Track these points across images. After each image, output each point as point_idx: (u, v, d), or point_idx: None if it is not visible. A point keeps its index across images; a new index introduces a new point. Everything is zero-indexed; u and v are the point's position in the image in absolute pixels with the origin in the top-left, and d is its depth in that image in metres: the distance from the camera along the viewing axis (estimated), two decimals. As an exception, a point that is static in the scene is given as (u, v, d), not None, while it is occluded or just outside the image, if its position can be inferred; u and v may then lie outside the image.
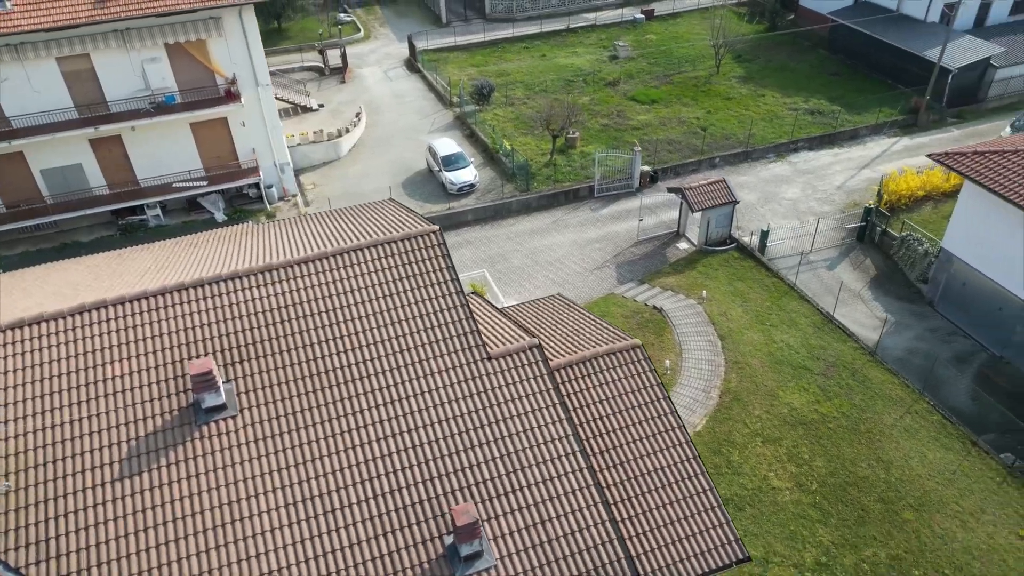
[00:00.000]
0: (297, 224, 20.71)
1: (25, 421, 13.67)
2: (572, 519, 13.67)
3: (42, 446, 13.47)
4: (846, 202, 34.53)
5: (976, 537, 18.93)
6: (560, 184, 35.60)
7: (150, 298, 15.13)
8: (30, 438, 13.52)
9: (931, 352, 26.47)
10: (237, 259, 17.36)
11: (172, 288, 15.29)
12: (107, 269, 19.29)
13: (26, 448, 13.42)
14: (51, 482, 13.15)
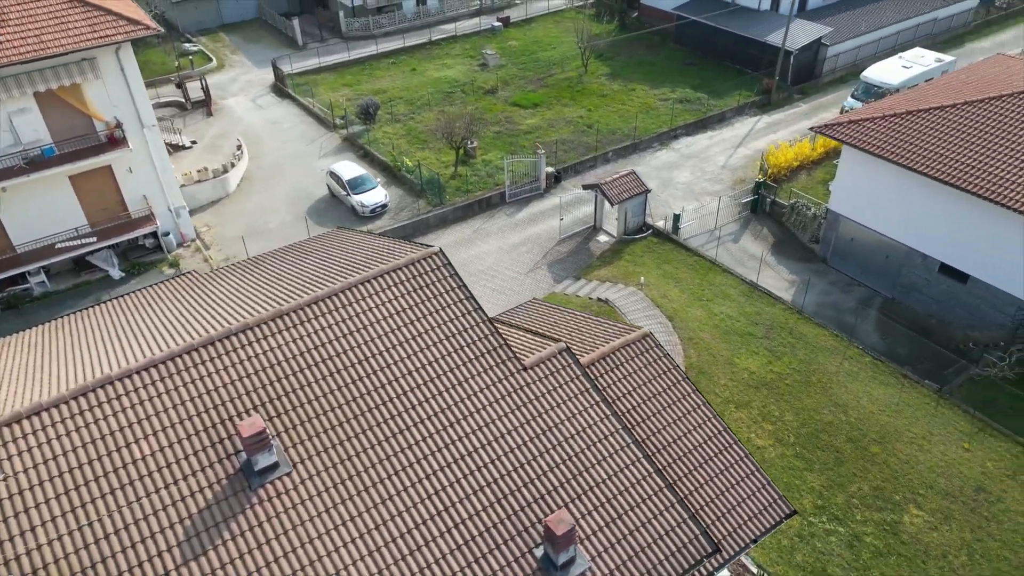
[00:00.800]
0: (254, 269, 19.61)
1: (55, 524, 12.12)
2: (644, 508, 14.17)
3: (82, 547, 12.01)
4: (733, 179, 37.51)
5: (933, 457, 21.53)
6: (472, 194, 35.88)
7: (159, 365, 13.89)
8: (66, 542, 12.01)
9: (838, 303, 29.50)
10: (216, 312, 16.27)
11: (182, 350, 14.11)
12: (55, 346, 17.31)
13: (64, 553, 11.91)
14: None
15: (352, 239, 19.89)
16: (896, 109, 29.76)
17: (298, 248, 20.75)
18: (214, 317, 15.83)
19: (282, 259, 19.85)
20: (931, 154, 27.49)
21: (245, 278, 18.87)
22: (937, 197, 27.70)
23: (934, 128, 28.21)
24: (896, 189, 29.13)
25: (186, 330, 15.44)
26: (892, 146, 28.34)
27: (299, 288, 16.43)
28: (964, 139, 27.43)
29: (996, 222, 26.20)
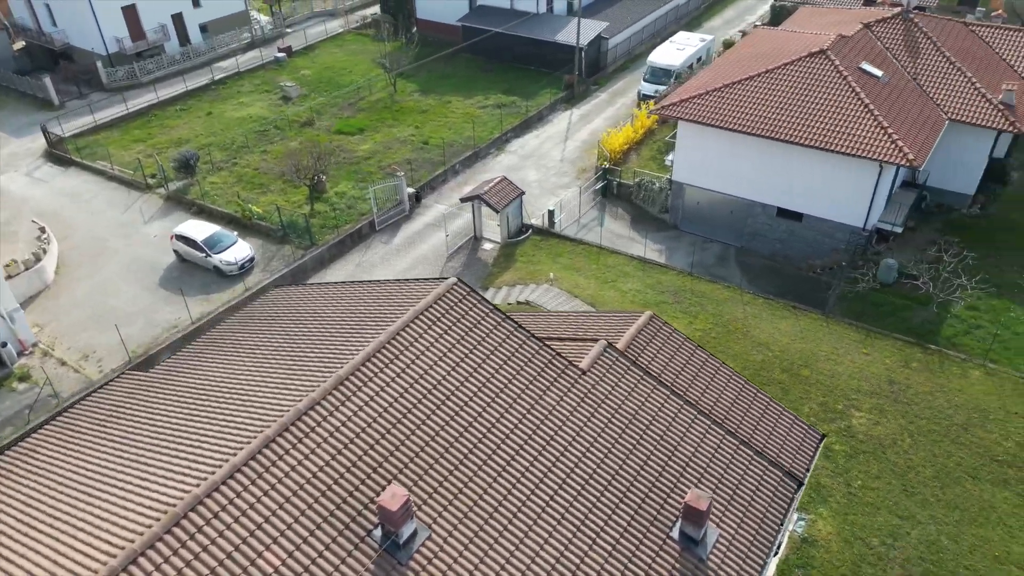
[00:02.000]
0: (238, 345, 17.75)
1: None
2: (734, 469, 15.44)
3: None
4: (575, 170, 40.17)
5: (847, 367, 25.48)
6: (340, 229, 34.53)
7: (257, 456, 12.34)
8: None
9: (702, 260, 33.09)
10: (255, 391, 14.70)
11: (275, 433, 12.67)
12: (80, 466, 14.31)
13: None
14: None
15: (346, 290, 18.70)
16: (711, 85, 34.04)
17: (267, 316, 18.98)
18: (261, 397, 14.20)
19: (263, 329, 18.10)
20: (751, 116, 31.92)
21: (242, 355, 17.00)
22: (765, 152, 32.21)
23: (747, 95, 32.72)
24: (729, 152, 33.35)
25: (245, 417, 13.71)
26: (719, 115, 32.41)
27: (332, 349, 15.30)
28: (772, 100, 32.17)
29: (815, 165, 31.19)
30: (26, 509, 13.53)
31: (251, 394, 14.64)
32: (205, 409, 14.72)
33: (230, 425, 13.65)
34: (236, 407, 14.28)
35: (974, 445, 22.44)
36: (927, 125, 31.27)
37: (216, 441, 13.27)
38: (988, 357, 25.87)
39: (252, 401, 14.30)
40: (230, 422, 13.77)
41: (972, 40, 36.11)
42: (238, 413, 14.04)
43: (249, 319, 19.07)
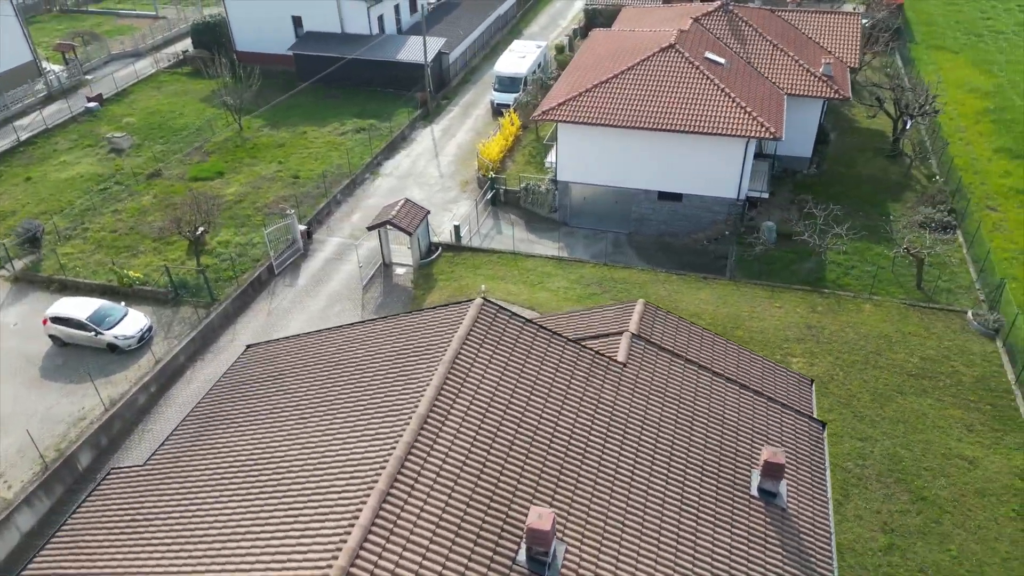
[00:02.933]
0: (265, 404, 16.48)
1: None
2: (776, 425, 16.96)
3: None
4: (458, 184, 40.64)
5: (769, 322, 28.44)
6: (239, 279, 32.27)
7: (376, 527, 11.77)
8: None
9: (600, 251, 35.04)
10: (321, 442, 13.95)
11: (379, 500, 12.12)
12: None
13: None
14: None
15: (363, 332, 17.94)
16: (580, 87, 36.11)
17: (272, 373, 17.71)
18: (345, 454, 13.39)
19: (285, 387, 16.89)
20: (624, 111, 34.30)
21: (284, 416, 15.80)
22: (641, 142, 34.67)
23: (616, 93, 35.07)
24: (608, 146, 35.59)
25: (341, 476, 12.85)
26: (595, 113, 34.46)
27: (391, 392, 14.78)
28: (639, 94, 34.73)
29: (688, 148, 34.14)
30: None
31: (331, 453, 13.75)
32: (287, 479, 13.59)
33: (331, 489, 12.78)
34: (324, 469, 13.36)
35: (890, 366, 26.15)
36: (773, 101, 35.51)
37: (326, 508, 12.38)
38: (871, 291, 30.11)
39: (337, 460, 13.45)
40: (328, 486, 12.88)
41: (783, 24, 41.43)
42: (331, 474, 13.16)
43: (247, 382, 17.64)
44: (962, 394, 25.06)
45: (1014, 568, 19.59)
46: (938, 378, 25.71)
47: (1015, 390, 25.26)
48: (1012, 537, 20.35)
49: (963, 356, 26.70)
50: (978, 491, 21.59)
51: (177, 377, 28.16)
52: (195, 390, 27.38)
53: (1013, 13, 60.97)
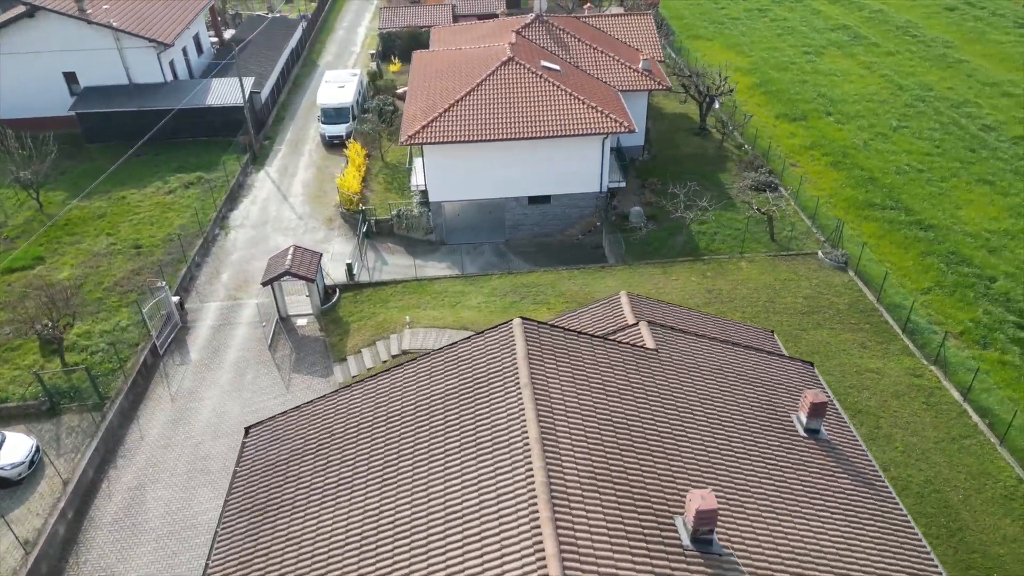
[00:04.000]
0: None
1: None
2: (785, 372, 19.11)
3: None
4: (321, 221, 39.07)
5: (678, 295, 31.22)
6: (124, 370, 28.43)
7: (566, 556, 11.86)
8: None
9: (489, 263, 36.06)
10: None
11: (553, 529, 12.20)
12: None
13: None
14: None
15: (401, 381, 17.18)
16: (435, 109, 36.62)
17: (312, 446, 16.37)
18: (475, 496, 13.05)
19: (339, 454, 15.73)
20: (484, 126, 35.40)
21: (367, 483, 14.73)
22: (506, 153, 35.98)
23: (472, 109, 36.07)
24: (475, 161, 36.57)
25: (488, 518, 12.52)
26: (458, 132, 35.22)
27: (481, 429, 14.60)
28: (495, 108, 36.08)
29: (551, 152, 36.07)
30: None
31: (464, 497, 13.24)
32: (432, 536, 12.84)
33: (487, 532, 12.39)
34: (465, 514, 12.86)
35: (785, 310, 30.14)
36: (613, 98, 38.74)
37: (494, 554, 12.03)
38: (740, 251, 34.27)
39: (475, 503, 13.02)
40: (481, 530, 12.47)
41: (593, 30, 45.11)
42: (477, 517, 12.73)
43: (287, 459, 16.13)
44: (845, 320, 29.68)
45: (945, 448, 23.89)
46: (823, 311, 30.16)
47: (879, 307, 30.42)
48: (933, 424, 24.75)
49: (831, 289, 31.53)
50: (894, 394, 25.89)
51: (92, 495, 24.29)
52: (121, 504, 23.88)
53: (738, 2, 71.51)
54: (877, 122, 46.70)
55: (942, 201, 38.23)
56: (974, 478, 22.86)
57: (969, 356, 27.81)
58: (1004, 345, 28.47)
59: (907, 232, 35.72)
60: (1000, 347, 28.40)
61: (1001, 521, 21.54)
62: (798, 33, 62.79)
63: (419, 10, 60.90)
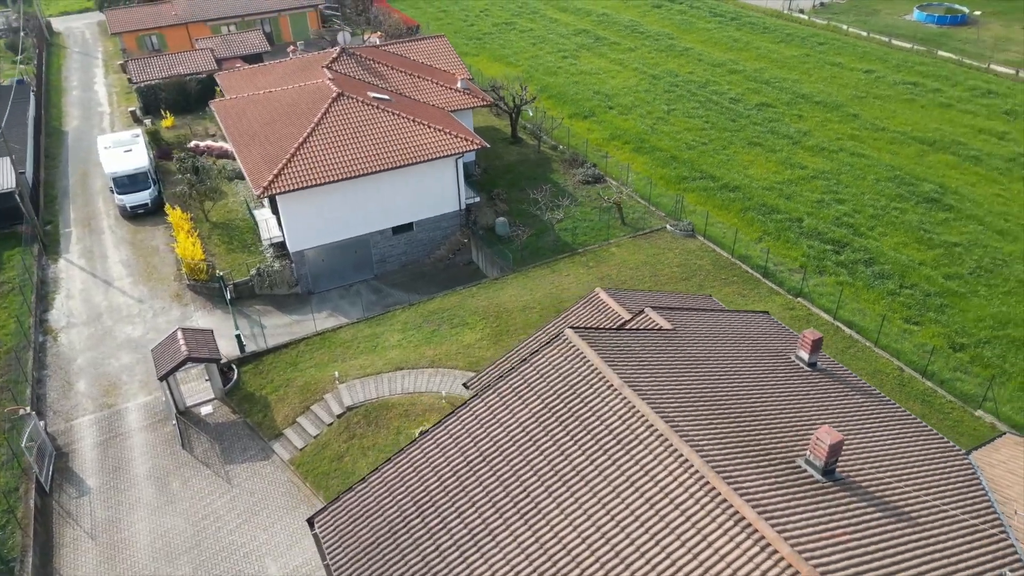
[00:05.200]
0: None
1: None
2: (768, 324, 21.84)
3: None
4: (168, 297, 34.95)
5: (575, 289, 33.22)
6: (22, 522, 23.26)
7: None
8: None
9: (370, 302, 35.41)
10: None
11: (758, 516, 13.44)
12: None
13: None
14: None
15: (504, 395, 16.70)
16: (279, 157, 34.73)
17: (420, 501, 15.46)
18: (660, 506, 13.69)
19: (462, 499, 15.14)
20: (335, 166, 34.20)
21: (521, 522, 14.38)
22: (361, 189, 35.30)
23: (319, 151, 34.68)
24: (333, 202, 35.48)
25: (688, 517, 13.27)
26: (312, 176, 33.80)
27: (594, 433, 15.22)
28: (340, 146, 35.02)
29: (407, 180, 36.12)
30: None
31: (624, 509, 13.67)
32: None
33: (682, 535, 13.08)
34: (638, 522, 13.36)
35: (669, 280, 33.63)
36: (449, 119, 39.68)
37: (706, 548, 12.81)
38: (604, 239, 37.36)
39: (642, 509, 13.57)
40: (671, 534, 13.12)
41: (399, 57, 45.46)
42: (655, 522, 13.32)
43: (390, 536, 15.06)
44: (717, 277, 34.02)
45: (840, 359, 28.75)
46: (697, 274, 34.24)
47: (735, 261, 35.30)
48: (824, 344, 29.58)
49: (692, 254, 35.85)
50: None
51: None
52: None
53: (484, 17, 76.12)
54: (652, 109, 53.19)
55: (732, 165, 44.99)
56: (871, 376, 27.96)
57: (816, 284, 33.58)
58: (834, 270, 34.80)
59: (721, 195, 41.58)
60: (832, 272, 34.66)
61: (909, 404, 26.70)
62: (549, 41, 68.67)
63: (174, 59, 56.14)
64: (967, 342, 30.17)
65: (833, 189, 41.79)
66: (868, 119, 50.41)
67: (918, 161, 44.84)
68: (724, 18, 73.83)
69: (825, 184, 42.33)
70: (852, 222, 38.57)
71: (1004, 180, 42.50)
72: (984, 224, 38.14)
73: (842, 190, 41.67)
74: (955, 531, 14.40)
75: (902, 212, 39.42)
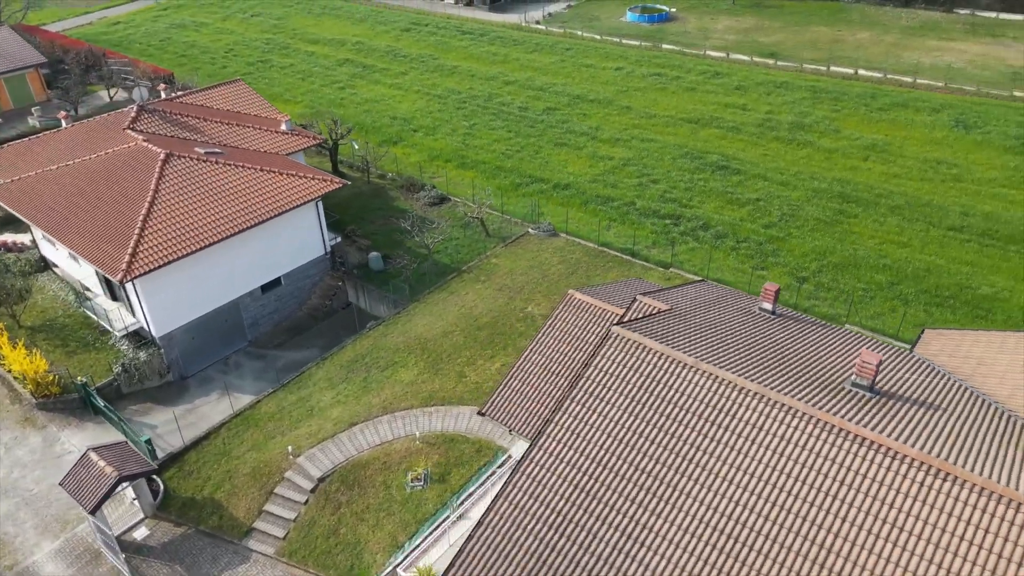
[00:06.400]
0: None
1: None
2: (735, 296, 24.61)
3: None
4: (14, 424, 28.97)
5: (482, 305, 33.79)
6: None
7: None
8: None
9: (255, 372, 33.05)
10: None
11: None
12: None
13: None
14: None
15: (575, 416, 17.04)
16: (126, 237, 30.60)
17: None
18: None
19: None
20: (193, 235, 31.00)
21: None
22: (223, 252, 32.53)
23: (169, 222, 31.17)
24: (196, 274, 32.34)
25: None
26: (170, 250, 30.32)
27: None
28: (191, 212, 31.75)
29: (269, 234, 33.75)
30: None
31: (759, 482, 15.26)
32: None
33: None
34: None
35: (561, 276, 35.56)
36: (291, 162, 37.67)
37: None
38: (478, 252, 38.31)
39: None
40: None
41: (201, 107, 41.73)
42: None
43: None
44: (599, 265, 36.81)
45: (732, 309, 33.00)
46: (580, 267, 36.71)
47: (602, 249, 38.44)
48: (712, 300, 33.70)
49: (565, 251, 38.31)
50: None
51: None
52: None
53: (234, 57, 71.96)
54: (455, 127, 55.01)
55: (551, 166, 48.46)
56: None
57: (674, 254, 37.95)
58: (682, 239, 39.53)
59: (558, 194, 44.72)
60: (681, 242, 39.35)
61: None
62: (316, 74, 67.23)
63: None
64: (806, 275, 36.39)
65: (645, 172, 47.10)
66: (639, 109, 57.22)
67: (694, 137, 52.16)
68: (473, 35, 78.01)
69: (636, 169, 47.52)
70: (673, 196, 43.96)
71: (763, 142, 51.19)
72: (768, 179, 45.81)
73: (652, 171, 47.14)
74: (966, 402, 18.13)
75: (706, 181, 45.80)
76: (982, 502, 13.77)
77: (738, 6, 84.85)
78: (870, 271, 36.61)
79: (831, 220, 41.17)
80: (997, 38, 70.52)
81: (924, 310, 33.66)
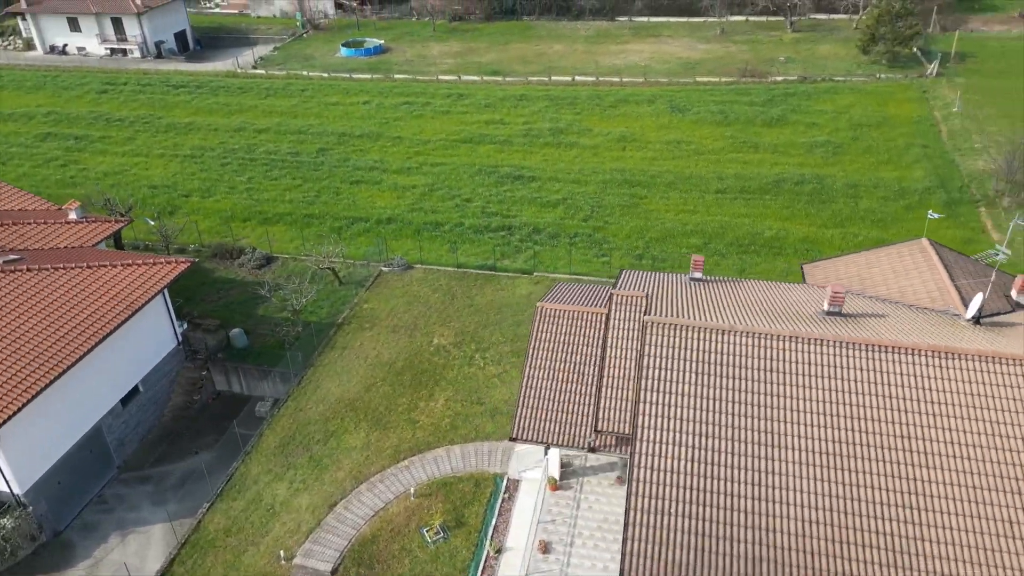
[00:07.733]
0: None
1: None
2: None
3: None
4: None
5: (380, 347, 32.63)
6: None
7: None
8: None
9: (141, 502, 28.75)
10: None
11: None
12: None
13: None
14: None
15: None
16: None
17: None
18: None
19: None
20: (24, 368, 25.81)
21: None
22: (74, 380, 27.22)
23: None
24: (46, 408, 26.52)
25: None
26: (21, 390, 24.85)
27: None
28: (14, 344, 26.31)
29: (115, 346, 28.68)
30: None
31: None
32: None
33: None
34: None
35: (437, 304, 35.75)
36: (109, 253, 32.28)
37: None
38: (344, 302, 36.77)
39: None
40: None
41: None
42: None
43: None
44: (475, 285, 37.61)
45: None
46: (458, 291, 37.15)
47: (467, 271, 39.35)
48: (589, 291, 36.71)
49: (432, 280, 38.36)
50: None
51: None
52: None
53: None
54: (232, 184, 50.94)
55: (361, 205, 47.54)
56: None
57: (526, 260, 40.38)
58: (524, 246, 42.07)
59: (387, 229, 44.33)
60: (526, 249, 41.87)
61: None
62: (18, 155, 57.14)
63: None
64: (640, 252, 41.35)
65: (455, 194, 48.80)
66: (410, 137, 58.58)
67: (476, 155, 55.11)
68: (189, 87, 72.13)
69: (444, 192, 49.02)
70: (493, 210, 46.40)
71: (536, 149, 55.89)
72: (561, 180, 50.46)
73: (460, 192, 49.01)
74: (892, 307, 23.22)
75: (512, 191, 48.95)
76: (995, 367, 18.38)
77: (439, 33, 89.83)
78: (683, 237, 42.82)
79: (629, 204, 46.99)
80: (659, 37, 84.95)
81: (739, 258, 40.56)
